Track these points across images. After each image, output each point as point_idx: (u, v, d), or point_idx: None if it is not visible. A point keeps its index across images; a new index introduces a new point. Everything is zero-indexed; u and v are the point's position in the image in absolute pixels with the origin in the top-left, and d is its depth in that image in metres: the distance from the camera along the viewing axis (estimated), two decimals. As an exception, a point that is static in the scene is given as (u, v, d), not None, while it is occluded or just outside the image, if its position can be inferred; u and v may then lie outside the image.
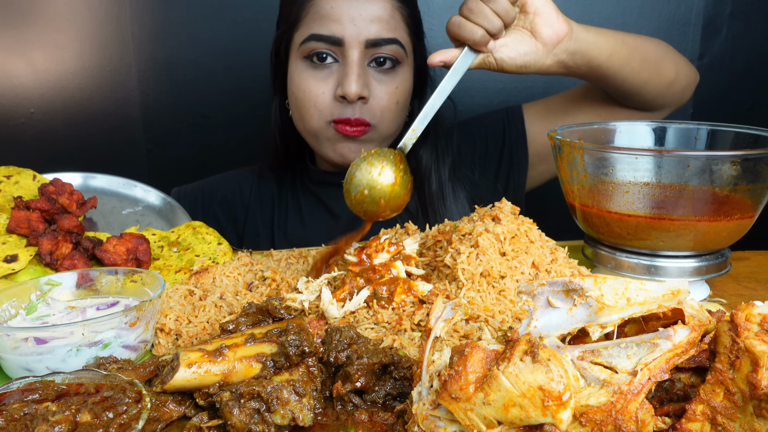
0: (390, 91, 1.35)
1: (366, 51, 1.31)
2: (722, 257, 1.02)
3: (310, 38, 1.31)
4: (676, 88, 1.34)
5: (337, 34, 1.29)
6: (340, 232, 1.48)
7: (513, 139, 1.53)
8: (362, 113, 1.33)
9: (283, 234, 1.54)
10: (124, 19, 1.92)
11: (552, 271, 0.93)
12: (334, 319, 0.87)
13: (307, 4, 1.32)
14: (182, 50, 1.96)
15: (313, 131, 1.37)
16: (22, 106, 1.98)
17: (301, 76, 1.34)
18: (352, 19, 1.28)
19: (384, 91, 1.34)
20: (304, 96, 1.34)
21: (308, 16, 1.32)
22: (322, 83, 1.32)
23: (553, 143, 1.05)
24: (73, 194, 1.14)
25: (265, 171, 1.59)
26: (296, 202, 1.55)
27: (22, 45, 1.92)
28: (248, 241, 1.57)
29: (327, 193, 1.51)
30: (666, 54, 1.32)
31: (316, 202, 1.53)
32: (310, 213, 1.53)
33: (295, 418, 0.66)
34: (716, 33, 1.98)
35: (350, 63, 1.30)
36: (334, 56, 1.32)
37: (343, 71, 1.31)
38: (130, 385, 0.68)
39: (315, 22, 1.30)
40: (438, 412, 0.58)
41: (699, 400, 0.56)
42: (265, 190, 1.57)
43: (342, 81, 1.30)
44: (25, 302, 0.88)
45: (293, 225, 1.53)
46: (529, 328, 0.61)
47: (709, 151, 1.06)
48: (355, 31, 1.29)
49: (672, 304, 0.60)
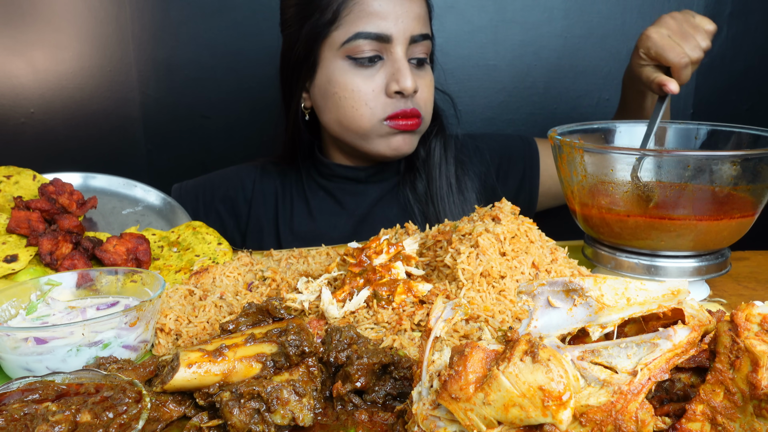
0: (428, 84, 1.40)
1: (408, 47, 1.34)
2: (722, 257, 1.02)
3: (356, 36, 1.31)
4: None
5: (385, 32, 1.31)
6: (351, 226, 1.50)
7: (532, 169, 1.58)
8: (415, 105, 1.36)
9: (289, 229, 1.53)
10: (124, 19, 1.92)
11: (552, 271, 0.93)
12: (334, 319, 0.87)
13: (349, 2, 1.32)
14: (182, 50, 1.96)
15: (363, 130, 1.37)
16: (22, 106, 1.98)
17: (346, 76, 1.34)
18: (398, 17, 1.32)
19: (424, 84, 1.39)
20: (352, 96, 1.34)
21: (352, 14, 1.32)
22: (370, 81, 1.34)
23: (553, 143, 1.05)
24: (73, 194, 1.14)
25: (269, 166, 1.59)
26: (303, 196, 1.54)
27: (22, 45, 1.92)
28: (252, 237, 1.57)
29: (339, 187, 1.51)
30: None
31: (325, 195, 1.53)
32: (318, 207, 1.53)
33: (295, 418, 0.66)
34: (716, 33, 1.98)
35: (400, 59, 1.33)
36: (380, 54, 1.34)
37: (392, 68, 1.33)
38: (130, 385, 0.68)
39: (361, 20, 1.31)
40: (438, 412, 0.58)
41: (699, 400, 0.56)
42: (268, 185, 1.57)
43: (396, 77, 1.32)
44: (25, 302, 0.88)
45: (300, 220, 1.53)
46: (529, 328, 0.61)
47: (709, 151, 1.06)
48: (402, 28, 1.32)
49: (672, 304, 0.60)
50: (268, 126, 2.01)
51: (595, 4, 1.95)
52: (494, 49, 1.96)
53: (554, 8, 1.93)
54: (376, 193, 1.51)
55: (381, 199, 1.51)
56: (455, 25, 1.95)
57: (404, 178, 1.50)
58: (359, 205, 1.51)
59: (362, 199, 1.51)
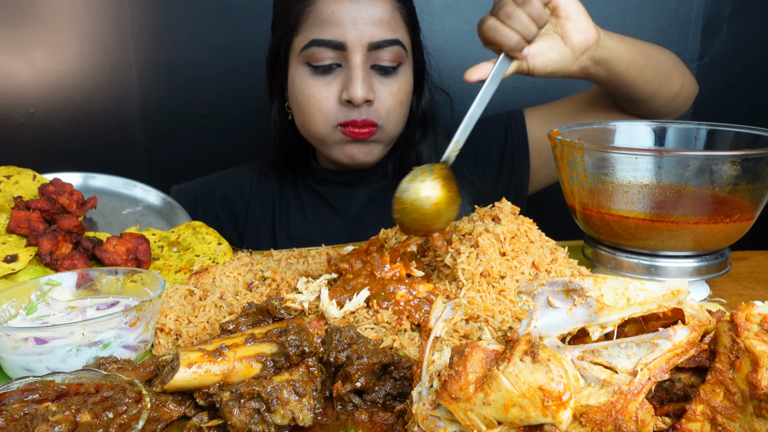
0: (394, 92, 1.34)
1: (369, 54, 1.30)
2: (722, 257, 1.02)
3: (311, 44, 1.29)
4: (680, 99, 1.35)
5: (339, 39, 1.28)
6: (345, 230, 1.50)
7: (515, 143, 1.53)
8: (368, 115, 1.33)
9: (285, 232, 1.54)
10: (124, 19, 1.92)
11: (552, 271, 0.93)
12: (334, 319, 0.87)
13: (306, 9, 1.31)
14: (182, 50, 1.96)
15: (319, 136, 1.37)
16: (22, 106, 1.98)
17: (303, 82, 1.34)
18: (354, 23, 1.27)
19: (388, 92, 1.34)
20: (308, 101, 1.34)
21: (308, 21, 1.30)
22: (326, 88, 1.32)
23: (553, 143, 1.05)
24: (73, 194, 1.14)
25: (266, 169, 1.59)
26: (298, 200, 1.55)
27: (22, 45, 1.92)
28: (248, 239, 1.57)
29: (330, 192, 1.52)
30: (675, 65, 1.33)
31: (319, 199, 1.54)
32: (312, 211, 1.53)
33: (295, 418, 0.66)
34: (716, 33, 1.98)
35: (354, 67, 1.29)
36: (337, 61, 1.31)
37: (347, 75, 1.30)
38: (130, 385, 0.68)
39: (316, 27, 1.29)
40: (438, 412, 0.58)
41: (699, 400, 0.56)
42: (266, 188, 1.58)
43: (347, 86, 1.30)
44: (25, 302, 0.88)
45: (295, 223, 1.54)
46: (529, 328, 0.61)
47: (709, 151, 1.06)
48: (357, 35, 1.28)
49: (672, 304, 0.60)
50: (267, 126, 2.00)
51: (595, 4, 1.94)
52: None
53: (554, 8, 1.93)
54: (365, 196, 1.51)
55: (371, 202, 1.51)
56: (455, 25, 1.95)
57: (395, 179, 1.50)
58: (350, 208, 1.51)
59: (352, 203, 1.51)
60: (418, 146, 1.47)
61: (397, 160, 1.49)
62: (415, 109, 1.48)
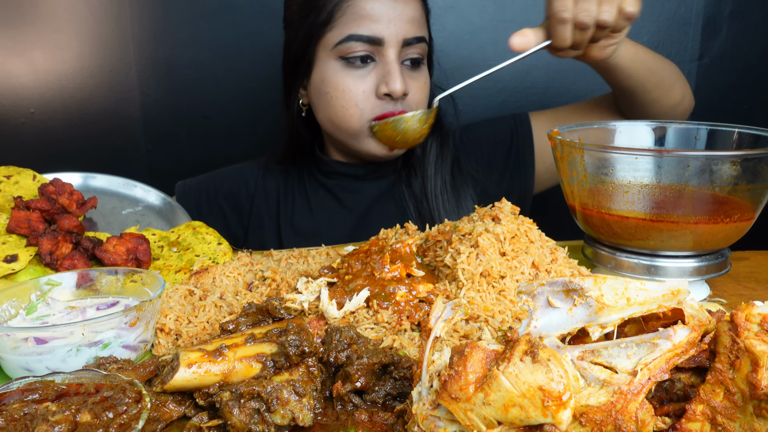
0: (420, 86, 1.40)
1: (401, 50, 1.35)
2: (722, 257, 1.02)
3: (348, 38, 1.33)
4: (678, 110, 1.41)
5: (377, 35, 1.32)
6: (350, 224, 1.50)
7: (521, 146, 1.55)
8: (403, 107, 1.37)
9: (290, 225, 1.55)
10: (124, 19, 1.92)
11: (552, 271, 0.93)
12: (334, 319, 0.87)
13: (343, 4, 1.33)
14: (182, 50, 1.96)
15: (353, 130, 1.39)
16: (22, 106, 1.98)
17: (336, 75, 1.36)
18: (391, 20, 1.32)
19: (416, 86, 1.39)
20: (343, 96, 1.36)
21: (345, 16, 1.33)
22: (361, 82, 1.35)
23: (553, 143, 1.05)
24: (73, 194, 1.14)
25: (271, 163, 1.60)
26: (304, 193, 1.56)
27: (22, 45, 1.92)
28: (253, 233, 1.58)
29: (339, 185, 1.53)
30: (679, 79, 1.39)
31: (326, 193, 1.54)
32: (318, 204, 1.54)
33: (295, 418, 0.66)
34: (716, 33, 1.98)
35: (391, 62, 1.33)
36: (372, 56, 1.34)
37: (383, 70, 1.34)
38: (130, 385, 0.68)
39: (354, 23, 1.33)
40: (438, 412, 0.58)
41: (699, 400, 0.56)
42: (271, 182, 1.58)
43: (386, 79, 1.33)
44: (25, 302, 0.88)
45: (300, 216, 1.55)
46: (529, 328, 0.61)
47: (709, 151, 1.06)
48: (393, 31, 1.32)
49: (672, 304, 0.60)
50: (267, 126, 2.00)
51: (595, 4, 1.95)
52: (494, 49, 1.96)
53: (554, 8, 1.93)
54: (375, 191, 1.52)
55: (379, 197, 1.52)
56: (455, 25, 1.95)
57: (400, 176, 1.51)
58: (358, 202, 1.52)
59: (361, 197, 1.52)
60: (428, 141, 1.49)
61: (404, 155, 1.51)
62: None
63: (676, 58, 1.98)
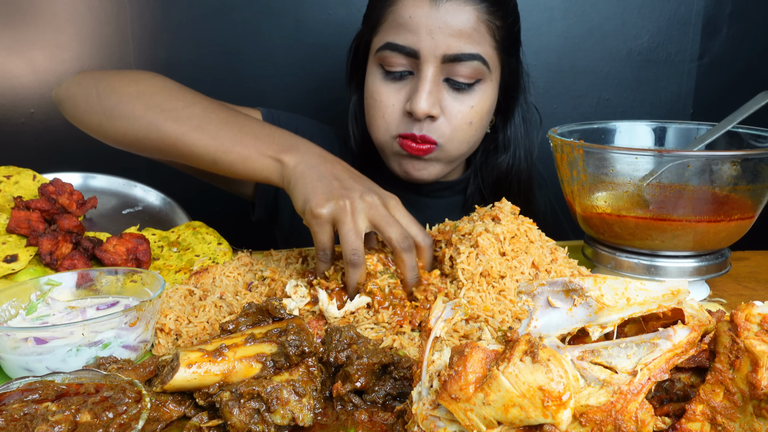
0: (464, 111, 1.23)
1: (443, 66, 1.19)
2: (722, 257, 1.02)
3: (385, 46, 1.22)
4: None
5: (412, 46, 1.19)
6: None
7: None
8: (429, 131, 1.22)
9: None
10: (124, 19, 1.92)
11: (552, 271, 0.93)
12: (334, 319, 0.87)
13: (387, 9, 1.23)
14: (182, 50, 1.96)
15: (379, 143, 1.30)
16: (22, 106, 1.98)
17: (375, 84, 1.27)
18: (430, 32, 1.17)
19: (457, 109, 1.22)
20: (375, 105, 1.27)
21: (386, 22, 1.23)
22: (394, 95, 1.24)
23: (553, 143, 1.05)
24: (73, 194, 1.14)
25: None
26: None
27: (22, 45, 1.92)
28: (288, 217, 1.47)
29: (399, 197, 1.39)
30: None
31: None
32: None
33: (295, 418, 0.66)
34: (716, 33, 1.98)
35: (423, 78, 1.19)
36: (409, 68, 1.22)
37: (415, 85, 1.21)
38: (130, 385, 0.68)
39: (392, 30, 1.22)
40: (438, 412, 0.58)
41: (699, 400, 0.56)
42: None
43: (412, 96, 1.21)
44: (25, 302, 0.88)
45: None
46: (529, 328, 0.61)
47: (709, 151, 1.06)
48: (432, 44, 1.17)
49: (672, 304, 0.60)
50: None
51: (595, 4, 1.95)
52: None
53: (554, 8, 1.93)
54: (438, 208, 1.42)
55: (443, 215, 1.32)
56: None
57: (471, 200, 1.41)
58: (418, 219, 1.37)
59: (419, 215, 1.24)
60: (500, 168, 1.38)
61: (476, 178, 1.41)
62: (500, 131, 1.38)
63: (676, 58, 1.98)
